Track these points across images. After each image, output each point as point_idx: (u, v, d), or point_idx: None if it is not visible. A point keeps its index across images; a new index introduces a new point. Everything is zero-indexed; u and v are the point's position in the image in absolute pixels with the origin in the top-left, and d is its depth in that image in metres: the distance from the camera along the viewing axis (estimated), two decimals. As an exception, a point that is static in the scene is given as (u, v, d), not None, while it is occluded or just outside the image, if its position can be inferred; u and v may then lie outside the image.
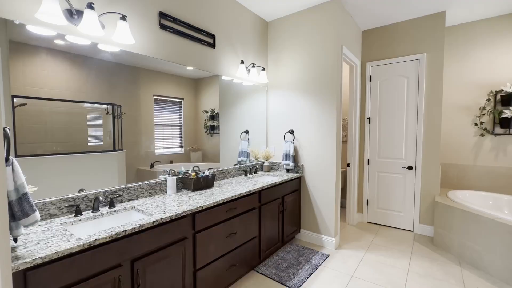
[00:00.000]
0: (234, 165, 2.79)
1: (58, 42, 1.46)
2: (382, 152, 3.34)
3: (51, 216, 1.41)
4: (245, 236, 2.10)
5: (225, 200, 1.87)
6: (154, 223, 1.38)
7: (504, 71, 2.97)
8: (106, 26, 1.63)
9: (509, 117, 2.85)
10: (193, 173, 2.10)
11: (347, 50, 2.86)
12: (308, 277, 2.20)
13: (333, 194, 2.72)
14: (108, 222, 1.53)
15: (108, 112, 1.74)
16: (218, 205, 1.83)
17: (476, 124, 3.13)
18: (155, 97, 2.05)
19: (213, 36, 2.41)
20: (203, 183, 2.13)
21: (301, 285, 2.09)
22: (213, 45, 2.41)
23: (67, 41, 1.49)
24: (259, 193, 2.28)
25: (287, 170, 2.99)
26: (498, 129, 3.01)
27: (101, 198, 1.52)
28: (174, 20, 2.05)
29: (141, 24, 1.85)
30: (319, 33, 2.71)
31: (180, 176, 2.13)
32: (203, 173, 2.20)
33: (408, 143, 3.15)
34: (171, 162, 2.21)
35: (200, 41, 2.28)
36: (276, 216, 2.54)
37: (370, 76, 3.38)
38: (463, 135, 3.22)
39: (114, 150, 1.78)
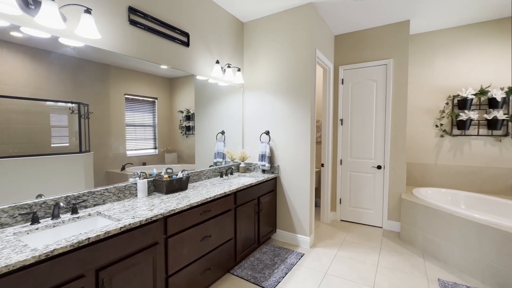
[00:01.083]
0: (210, 166, 2.74)
1: (15, 34, 1.34)
2: (354, 152, 3.48)
3: (2, 225, 1.28)
4: (220, 239, 2.07)
5: (199, 203, 1.82)
6: (122, 229, 1.31)
7: (460, 77, 3.24)
8: (68, 19, 1.52)
9: (465, 119, 3.11)
10: (166, 175, 2.03)
11: (320, 54, 2.94)
12: (283, 277, 2.22)
13: (307, 194, 2.77)
14: (70, 230, 1.42)
15: (73, 112, 1.63)
16: (191, 208, 1.78)
17: (436, 126, 3.38)
18: (126, 96, 1.95)
19: (187, 35, 2.35)
20: (177, 185, 2.06)
21: (276, 285, 2.10)
22: (187, 44, 2.36)
23: (24, 34, 1.36)
24: (235, 195, 2.26)
25: (263, 171, 3.00)
26: (456, 131, 3.28)
27: (62, 204, 1.41)
28: (145, 16, 1.97)
29: (109, 18, 1.75)
30: (294, 36, 2.76)
31: (152, 179, 2.05)
32: (177, 175, 2.13)
33: (377, 143, 3.32)
34: (144, 164, 2.11)
35: (173, 39, 2.21)
36: (252, 217, 2.53)
37: (342, 79, 3.51)
38: (425, 136, 3.47)
39: (81, 152, 1.66)
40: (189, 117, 2.52)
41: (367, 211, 3.43)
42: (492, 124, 3.00)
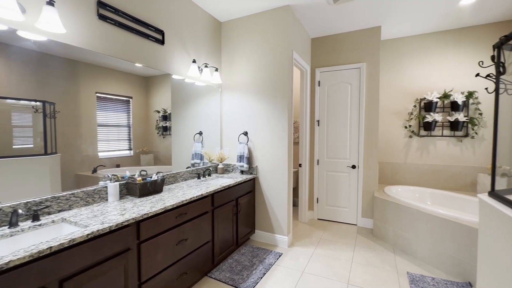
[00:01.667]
0: (187, 167, 2.68)
1: (-39, 24, 1.21)
2: (330, 152, 3.58)
3: (-51, 236, 1.15)
4: (197, 242, 2.03)
5: (175, 206, 1.77)
6: (89, 236, 1.23)
7: (427, 81, 3.46)
8: (28, 10, 1.41)
9: (430, 121, 3.32)
10: (140, 178, 1.95)
11: (297, 56, 3.00)
12: (261, 278, 2.23)
13: (285, 194, 2.81)
14: (31, 239, 1.31)
15: (37, 110, 1.51)
16: (166, 211, 1.72)
17: (405, 127, 3.58)
18: (98, 94, 1.85)
19: (161, 32, 2.28)
20: (151, 188, 1.99)
21: (254, 286, 2.10)
22: (162, 42, 2.28)
23: (-27, 24, 1.24)
24: (212, 196, 2.23)
25: (242, 172, 2.99)
26: (422, 132, 3.49)
27: (20, 211, 1.30)
28: (116, 11, 1.88)
29: (75, 12, 1.64)
30: (271, 37, 2.79)
31: (124, 182, 1.95)
32: (151, 177, 2.06)
33: (351, 144, 3.44)
34: (118, 166, 2.02)
35: (147, 36, 2.13)
36: (230, 219, 2.51)
37: (319, 81, 3.60)
38: (395, 136, 3.66)
39: (46, 153, 1.55)
40: (166, 117, 2.45)
41: (343, 209, 3.55)
42: (454, 126, 3.23)
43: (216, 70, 2.87)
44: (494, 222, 1.30)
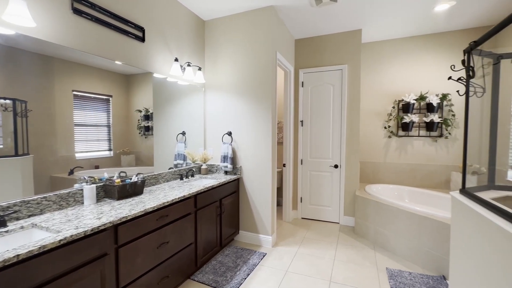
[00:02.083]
0: (169, 168, 2.62)
1: None
2: (313, 152, 3.64)
3: None
4: (179, 244, 1.98)
5: (156, 208, 1.72)
6: (62, 242, 1.17)
7: (405, 83, 3.60)
8: (-7, 1, 1.31)
9: (408, 122, 3.46)
10: (118, 180, 1.88)
11: (281, 56, 3.01)
12: (245, 278, 2.22)
13: (269, 193, 2.81)
14: (-4, 247, 1.22)
15: (7, 109, 1.41)
16: (147, 214, 1.67)
17: (385, 127, 3.71)
18: (75, 92, 1.76)
19: (142, 29, 2.21)
20: (131, 190, 1.92)
21: (238, 287, 2.09)
22: (142, 39, 2.21)
23: None
24: (195, 198, 2.19)
25: (226, 172, 2.97)
26: (401, 132, 3.63)
27: (-16, 217, 1.21)
28: (92, 5, 1.80)
29: (47, 5, 1.55)
30: (255, 37, 2.78)
31: (102, 184, 1.87)
32: (131, 179, 1.99)
33: (334, 144, 3.51)
34: (97, 167, 1.94)
35: (126, 33, 2.06)
36: (214, 220, 2.48)
37: (302, 82, 3.64)
38: (376, 137, 3.77)
39: (17, 155, 1.45)
40: (148, 117, 2.39)
41: (326, 208, 3.62)
42: (430, 126, 3.39)
43: (200, 69, 2.82)
44: (464, 218, 1.38)
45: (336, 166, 3.50)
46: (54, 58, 1.62)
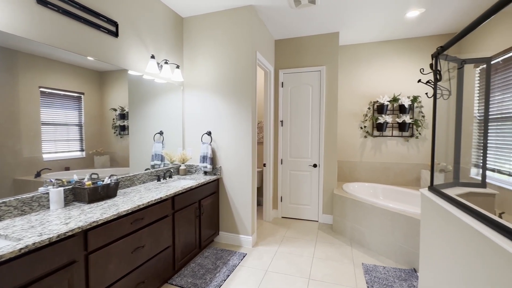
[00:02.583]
0: (146, 169, 2.53)
1: None
2: (293, 152, 3.68)
3: None
4: (156, 248, 1.91)
5: (130, 211, 1.65)
6: (23, 251, 1.08)
7: (379, 86, 3.75)
8: None
9: (382, 122, 3.61)
10: (89, 182, 1.77)
11: (261, 56, 3.02)
12: (225, 280, 2.19)
13: (249, 194, 2.81)
14: None
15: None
16: (120, 217, 1.59)
17: (361, 128, 3.84)
18: (42, 89, 1.64)
19: (115, 24, 2.10)
20: (103, 192, 1.82)
21: (217, 289, 2.06)
22: (115, 34, 2.11)
23: None
24: (173, 199, 2.13)
25: (205, 173, 2.92)
26: (376, 132, 3.78)
27: None
28: (60, -4, 1.68)
29: (6, -7, 1.43)
30: (235, 37, 2.76)
31: (71, 187, 1.76)
32: (103, 181, 1.89)
33: (313, 143, 3.58)
34: (67, 169, 1.82)
35: (98, 27, 1.95)
36: (193, 221, 2.43)
37: (282, 82, 3.67)
38: (352, 137, 3.90)
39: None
40: (123, 116, 2.29)
41: (305, 207, 3.68)
42: (402, 127, 3.56)
43: (178, 67, 2.75)
44: (432, 213, 1.46)
45: (315, 166, 3.57)
46: (18, 52, 1.50)
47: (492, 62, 2.45)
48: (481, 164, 1.79)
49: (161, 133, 2.75)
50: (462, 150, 1.71)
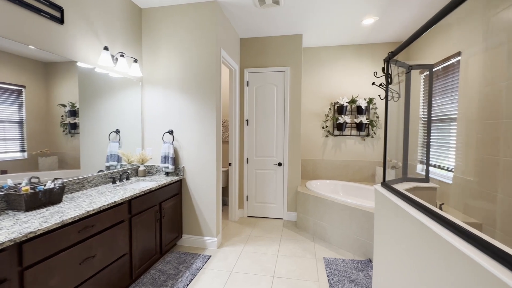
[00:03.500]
0: (99, 171, 2.31)
1: None
2: (259, 151, 3.70)
3: None
4: (109, 257, 1.76)
5: (77, 218, 1.48)
6: None
7: (339, 87, 3.95)
8: None
9: (342, 122, 3.82)
10: (27, 187, 1.56)
11: (226, 54, 2.97)
12: (188, 285, 2.11)
13: (214, 194, 2.74)
14: None
15: None
16: (65, 226, 1.43)
17: (323, 127, 4.02)
18: None
19: (59, 9, 1.88)
20: (44, 198, 1.62)
21: (179, 295, 1.97)
22: (60, 20, 1.88)
23: None
24: (129, 203, 1.98)
25: (167, 174, 2.78)
26: (336, 132, 3.98)
27: None
28: (-13, -29, 1.44)
29: None
30: (198, 32, 2.67)
31: (3, 193, 1.53)
32: (45, 185, 1.67)
33: (278, 142, 3.64)
34: (4, 172, 1.58)
35: (38, 11, 1.72)
36: (153, 226, 2.29)
37: (248, 81, 3.67)
38: (315, 136, 4.06)
39: None
40: (75, 113, 2.08)
41: (271, 205, 3.72)
42: (359, 127, 3.80)
43: (136, 61, 2.57)
44: (384, 207, 1.57)
45: (280, 164, 3.63)
46: None
47: (434, 69, 2.73)
48: (425, 161, 1.98)
49: (117, 131, 2.55)
50: (410, 148, 1.87)
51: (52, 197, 1.66)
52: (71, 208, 1.60)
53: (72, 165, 2.07)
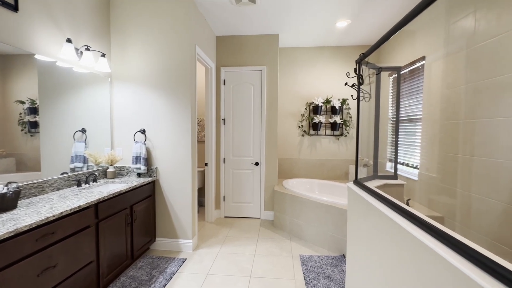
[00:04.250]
0: (62, 173, 2.14)
1: None
2: (236, 150, 3.67)
3: None
4: (73, 266, 1.63)
5: (35, 225, 1.35)
6: None
7: (315, 88, 4.04)
8: None
9: (317, 122, 3.91)
10: (-27, 193, 1.39)
11: (201, 51, 2.90)
12: (161, 290, 2.03)
13: (189, 195, 2.67)
14: None
15: None
16: (20, 234, 1.29)
17: (299, 127, 4.08)
18: None
19: (13, -5, 1.71)
20: (-5, 205, 1.45)
21: (152, 302, 1.89)
22: (14, 7, 1.71)
23: None
24: (96, 207, 1.85)
25: (139, 175, 2.65)
26: (312, 131, 4.06)
27: None
28: None
29: None
30: (172, 28, 2.57)
31: None
32: (-4, 190, 1.51)
33: (255, 142, 3.63)
34: None
35: (-14, -4, 1.54)
36: (123, 230, 2.17)
37: (224, 80, 3.61)
38: (291, 135, 4.11)
39: None
40: (35, 110, 1.91)
41: (248, 204, 3.71)
42: (333, 126, 3.91)
43: (103, 55, 2.41)
44: (356, 204, 1.62)
45: (257, 164, 3.63)
46: None
47: (401, 72, 2.88)
48: (394, 159, 2.08)
49: (83, 130, 2.38)
50: (380, 147, 1.95)
51: (4, 203, 1.50)
52: (28, 214, 1.46)
53: (32, 167, 1.89)
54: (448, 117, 2.11)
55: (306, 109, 4.06)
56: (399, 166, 2.86)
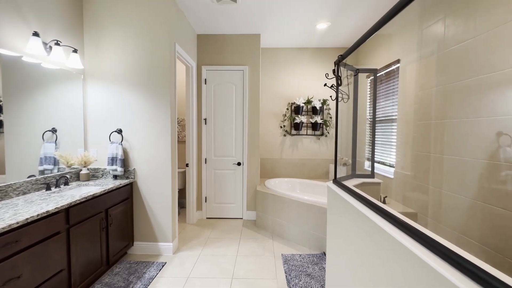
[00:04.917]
0: (30, 176, 2.00)
1: None
2: (217, 151, 3.62)
3: None
4: (40, 275, 1.53)
5: (-4, 233, 1.25)
6: None
7: (296, 88, 4.08)
8: None
9: (298, 122, 3.95)
10: None
11: (181, 49, 2.83)
12: (139, 296, 1.95)
13: (169, 197, 2.59)
14: None
15: None
16: (-22, 244, 1.19)
17: (281, 127, 4.11)
18: None
19: (-29, -17, 1.56)
20: (-50, 212, 1.32)
21: (129, 309, 1.81)
22: (-29, -3, 1.57)
23: None
24: (67, 211, 1.75)
25: (115, 177, 2.53)
26: (293, 131, 4.11)
27: None
28: None
29: None
30: (150, 24, 2.49)
31: None
32: (-49, 196, 1.37)
33: (237, 142, 3.61)
34: None
35: None
36: (98, 235, 2.06)
37: (205, 79, 3.56)
38: (273, 135, 4.13)
39: None
40: (0, 109, 1.75)
41: (230, 205, 3.68)
42: (314, 126, 3.98)
43: (75, 51, 2.28)
44: (335, 202, 1.65)
45: (239, 164, 3.61)
46: None
47: (378, 74, 2.98)
48: (371, 158, 2.15)
49: (53, 130, 2.24)
50: (358, 146, 2.01)
51: (-40, 210, 1.37)
52: (-12, 221, 1.34)
53: (-3, 170, 1.76)
54: (421, 118, 2.21)
55: (288, 109, 4.09)
56: (376, 164, 2.97)
